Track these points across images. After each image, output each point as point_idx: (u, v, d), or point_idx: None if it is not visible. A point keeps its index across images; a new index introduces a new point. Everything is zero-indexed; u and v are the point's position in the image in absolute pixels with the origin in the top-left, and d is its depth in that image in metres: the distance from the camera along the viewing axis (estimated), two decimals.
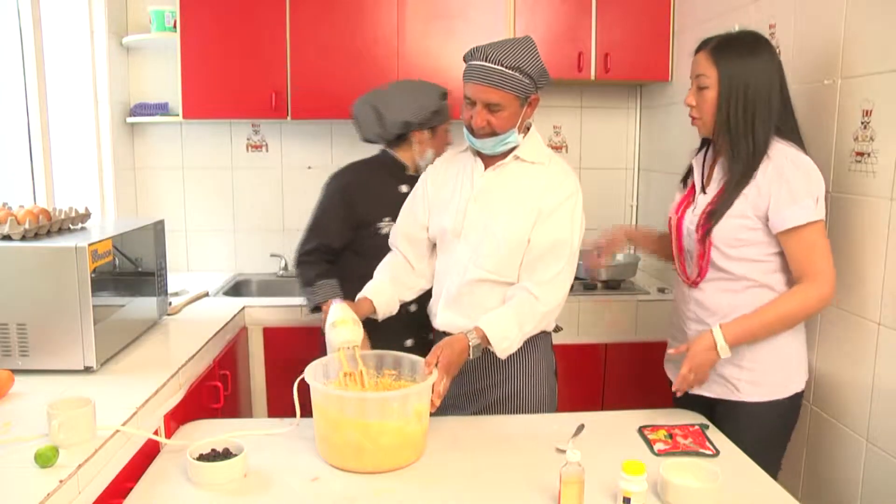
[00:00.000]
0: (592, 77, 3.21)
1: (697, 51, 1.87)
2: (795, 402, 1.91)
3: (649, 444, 1.76)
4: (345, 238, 2.39)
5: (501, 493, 1.53)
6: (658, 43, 3.22)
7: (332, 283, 2.28)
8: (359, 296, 2.00)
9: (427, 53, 3.15)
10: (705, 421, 1.91)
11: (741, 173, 1.80)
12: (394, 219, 2.17)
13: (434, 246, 2.10)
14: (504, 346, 1.83)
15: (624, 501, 1.42)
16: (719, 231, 1.82)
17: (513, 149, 1.94)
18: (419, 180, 2.14)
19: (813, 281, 1.76)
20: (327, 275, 2.32)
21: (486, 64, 1.82)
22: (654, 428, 1.84)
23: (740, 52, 1.80)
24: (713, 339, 1.80)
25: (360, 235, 2.39)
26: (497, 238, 1.91)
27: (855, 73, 1.90)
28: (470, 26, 3.13)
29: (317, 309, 2.26)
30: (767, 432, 1.89)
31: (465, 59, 1.89)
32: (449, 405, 1.97)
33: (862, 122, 1.84)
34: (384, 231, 2.29)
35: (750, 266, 1.83)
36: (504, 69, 1.81)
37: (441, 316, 2.01)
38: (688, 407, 1.95)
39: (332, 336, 1.77)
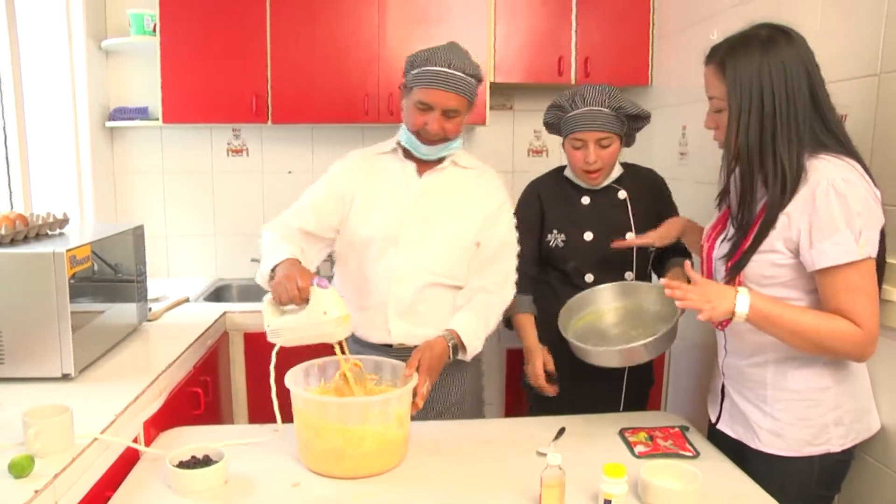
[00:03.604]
0: (573, 81, 3.22)
1: (706, 62, 1.61)
2: (826, 463, 1.63)
3: (630, 446, 1.77)
4: None
5: (483, 497, 1.53)
6: (638, 48, 3.25)
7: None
8: (288, 255, 1.81)
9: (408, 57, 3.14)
10: (685, 423, 1.92)
11: (771, 207, 1.52)
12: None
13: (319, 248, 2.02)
14: (475, 345, 1.90)
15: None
16: (747, 269, 1.58)
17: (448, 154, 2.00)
18: (327, 179, 2.03)
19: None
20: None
21: (450, 70, 1.86)
22: (635, 430, 1.84)
23: (749, 54, 1.51)
24: (734, 303, 1.50)
25: None
26: (447, 241, 1.95)
27: (831, 79, 1.91)
28: (450, 31, 3.12)
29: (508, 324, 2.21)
30: (796, 490, 1.62)
31: (418, 65, 1.89)
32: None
33: None
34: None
35: None
36: (465, 76, 1.87)
37: (396, 327, 1.97)
38: (717, 444, 1.78)
39: (338, 332, 1.68)
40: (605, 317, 2.06)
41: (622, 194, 2.16)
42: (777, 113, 1.50)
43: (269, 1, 3.05)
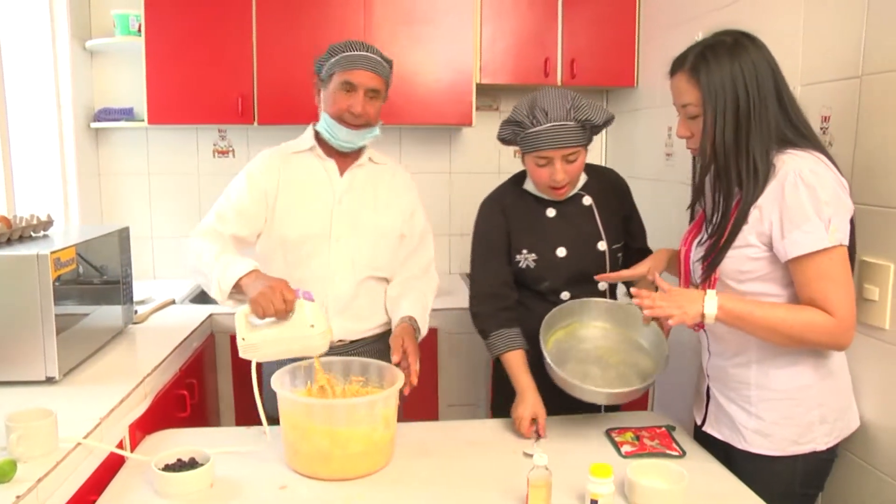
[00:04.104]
0: (559, 83, 3.23)
1: (673, 72, 1.63)
2: (812, 462, 1.64)
3: (616, 446, 1.77)
4: None
5: (470, 498, 1.53)
6: (624, 49, 3.26)
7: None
8: (252, 267, 1.77)
9: (394, 59, 3.12)
10: (671, 422, 1.93)
11: (744, 203, 1.55)
12: None
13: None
14: (424, 328, 1.98)
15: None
16: (723, 265, 1.60)
17: (363, 147, 2.07)
18: (245, 181, 2.01)
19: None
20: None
21: (371, 55, 1.97)
22: (621, 430, 1.85)
23: (719, 59, 1.53)
24: (703, 305, 1.53)
25: None
26: (376, 236, 2.03)
27: (814, 80, 1.94)
28: (436, 32, 3.14)
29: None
30: (780, 490, 1.63)
31: (336, 53, 1.96)
32: None
33: (821, 128, 1.88)
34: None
35: (760, 300, 1.58)
36: (381, 59, 2.00)
37: (337, 325, 1.96)
38: (706, 446, 1.78)
39: (322, 344, 1.69)
40: (584, 331, 1.96)
41: (587, 200, 2.01)
42: (752, 112, 1.52)
43: (255, 1, 3.04)
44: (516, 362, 1.93)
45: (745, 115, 1.53)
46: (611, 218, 2.02)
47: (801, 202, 1.48)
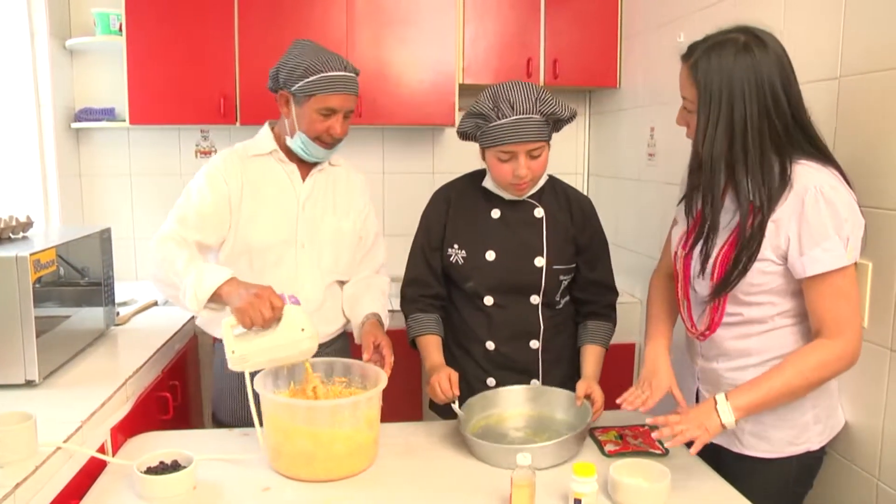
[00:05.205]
0: (541, 83, 3.24)
1: (684, 59, 1.57)
2: (806, 461, 1.66)
3: (600, 445, 1.78)
4: None
5: (453, 498, 1.53)
6: (606, 49, 3.27)
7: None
8: (229, 275, 1.72)
9: (377, 59, 3.14)
10: None
11: (757, 221, 1.49)
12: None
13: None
14: (386, 323, 2.01)
15: (575, 503, 1.44)
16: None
17: None
18: (207, 185, 1.93)
19: (835, 336, 1.48)
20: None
21: (350, 74, 1.91)
22: (605, 429, 1.86)
23: (722, 62, 1.46)
24: (719, 417, 1.49)
25: None
26: (339, 239, 2.04)
27: None
28: (419, 32, 3.14)
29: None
30: (774, 491, 1.65)
31: (314, 72, 1.85)
32: None
33: None
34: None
35: (766, 309, 1.58)
36: (356, 76, 1.95)
37: None
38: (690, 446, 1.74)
39: (312, 347, 1.68)
40: (506, 423, 1.88)
41: (539, 212, 1.94)
42: (748, 124, 1.46)
43: (237, 1, 3.03)
44: (429, 345, 1.95)
45: (740, 128, 1.46)
46: (560, 238, 1.95)
47: (823, 220, 1.45)
